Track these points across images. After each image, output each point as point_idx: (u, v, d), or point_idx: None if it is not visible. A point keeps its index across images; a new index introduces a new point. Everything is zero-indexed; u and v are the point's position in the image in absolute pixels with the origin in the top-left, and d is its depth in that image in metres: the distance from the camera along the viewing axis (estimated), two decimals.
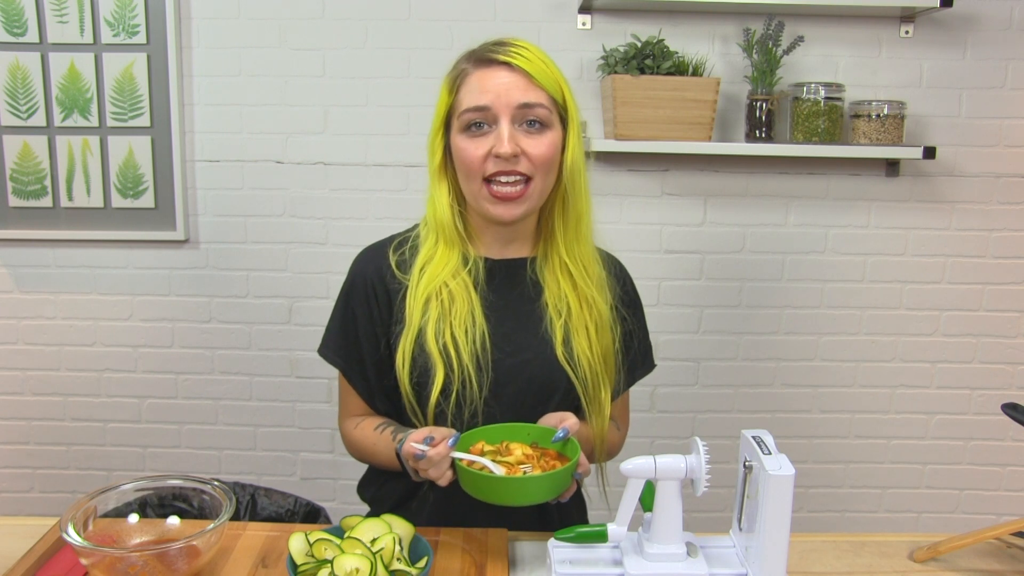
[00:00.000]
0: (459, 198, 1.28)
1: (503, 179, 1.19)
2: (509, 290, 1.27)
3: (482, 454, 1.11)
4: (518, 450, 1.13)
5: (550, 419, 1.16)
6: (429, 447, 1.06)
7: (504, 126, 1.17)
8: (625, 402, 1.41)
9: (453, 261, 1.25)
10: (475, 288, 1.25)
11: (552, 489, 1.07)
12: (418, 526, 1.10)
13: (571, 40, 2.17)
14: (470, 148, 1.19)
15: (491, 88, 1.17)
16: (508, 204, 1.20)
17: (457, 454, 1.09)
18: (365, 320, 1.28)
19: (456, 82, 1.21)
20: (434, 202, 1.27)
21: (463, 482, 1.09)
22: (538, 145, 1.18)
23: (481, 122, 1.18)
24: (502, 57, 1.18)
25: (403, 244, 1.30)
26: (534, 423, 1.18)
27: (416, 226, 1.33)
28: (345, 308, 1.31)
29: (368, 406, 1.33)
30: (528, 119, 1.18)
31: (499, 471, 1.07)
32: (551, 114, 1.19)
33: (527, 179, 1.19)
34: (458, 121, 1.20)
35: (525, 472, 1.08)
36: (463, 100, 1.19)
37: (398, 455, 1.16)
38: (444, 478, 1.09)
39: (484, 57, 1.19)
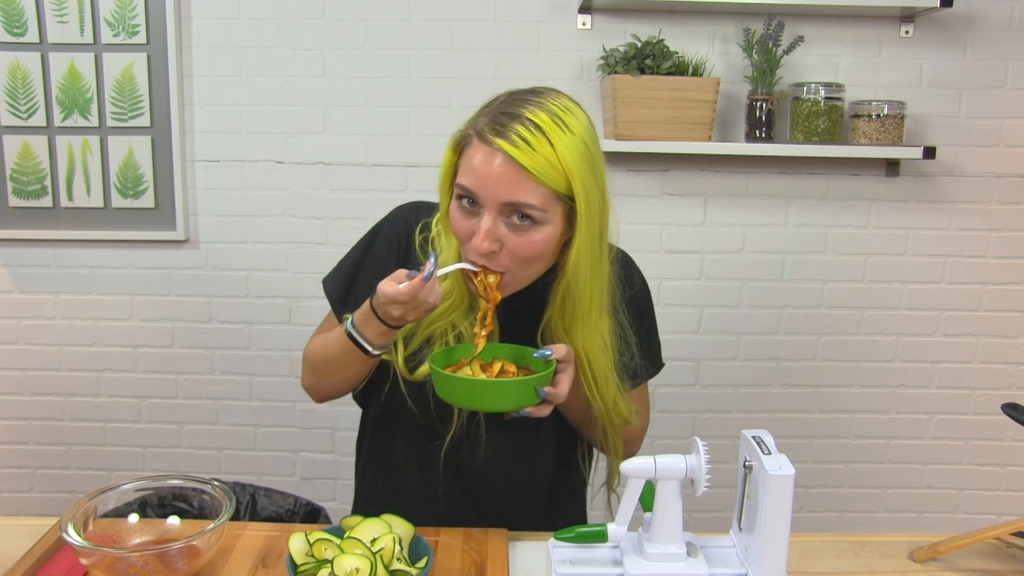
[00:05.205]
0: None
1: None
2: (514, 322, 1.24)
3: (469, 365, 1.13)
4: (499, 365, 1.14)
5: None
6: (419, 275, 1.05)
7: (486, 220, 1.07)
8: (643, 394, 1.37)
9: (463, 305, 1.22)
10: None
11: (512, 398, 1.08)
12: (418, 526, 1.10)
13: (571, 40, 2.17)
14: (460, 222, 1.13)
15: (481, 176, 1.07)
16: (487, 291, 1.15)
17: (443, 270, 1.10)
18: (382, 265, 1.23)
19: (460, 145, 1.14)
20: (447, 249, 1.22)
21: (435, 383, 1.11)
22: (522, 241, 1.08)
23: (471, 199, 1.10)
24: (500, 142, 1.05)
25: (427, 228, 1.26)
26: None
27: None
28: (365, 249, 1.29)
29: None
30: (519, 213, 1.07)
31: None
32: (546, 212, 1.07)
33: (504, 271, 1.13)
34: (455, 187, 1.13)
35: None
36: (460, 170, 1.12)
37: (350, 335, 1.14)
38: (434, 294, 1.07)
39: (486, 134, 1.09)
